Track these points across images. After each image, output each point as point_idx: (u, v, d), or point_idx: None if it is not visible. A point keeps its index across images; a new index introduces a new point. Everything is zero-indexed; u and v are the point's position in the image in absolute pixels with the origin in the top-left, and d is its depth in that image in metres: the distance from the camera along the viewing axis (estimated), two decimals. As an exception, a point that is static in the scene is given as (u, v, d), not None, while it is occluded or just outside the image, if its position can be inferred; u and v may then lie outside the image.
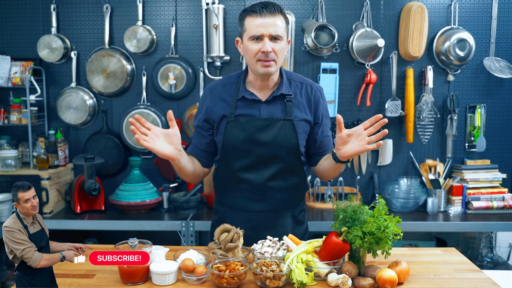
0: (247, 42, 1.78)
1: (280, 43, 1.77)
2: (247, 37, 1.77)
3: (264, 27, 1.73)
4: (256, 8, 1.75)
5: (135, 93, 3.31)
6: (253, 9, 1.75)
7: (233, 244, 1.66)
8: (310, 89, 1.92)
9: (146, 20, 3.26)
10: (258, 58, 1.76)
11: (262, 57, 1.75)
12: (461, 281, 1.58)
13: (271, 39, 1.75)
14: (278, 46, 1.76)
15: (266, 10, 1.74)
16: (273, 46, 1.75)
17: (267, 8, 1.74)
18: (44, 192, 2.94)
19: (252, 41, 1.76)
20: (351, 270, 1.53)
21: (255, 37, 1.75)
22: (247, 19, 1.77)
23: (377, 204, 1.60)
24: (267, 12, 1.74)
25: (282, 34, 1.76)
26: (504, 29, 3.22)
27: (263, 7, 1.74)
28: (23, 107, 3.18)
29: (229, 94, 1.89)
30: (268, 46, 1.73)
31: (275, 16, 1.75)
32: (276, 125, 1.84)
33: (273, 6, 1.75)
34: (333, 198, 3.16)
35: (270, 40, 1.75)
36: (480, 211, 3.05)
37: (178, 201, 3.03)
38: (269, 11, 1.74)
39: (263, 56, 1.75)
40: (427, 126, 3.22)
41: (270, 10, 1.74)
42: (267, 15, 1.74)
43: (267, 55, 1.74)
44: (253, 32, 1.75)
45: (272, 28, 1.73)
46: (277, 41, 1.76)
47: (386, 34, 3.21)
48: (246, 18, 1.78)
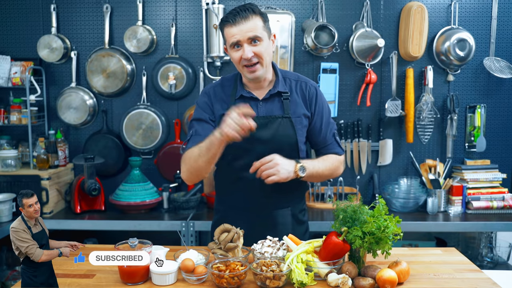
0: (230, 51, 1.82)
1: (262, 44, 1.77)
2: (228, 46, 1.81)
3: (239, 34, 1.75)
4: (229, 17, 1.76)
5: (135, 93, 3.31)
6: (226, 19, 1.77)
7: (233, 244, 1.66)
8: (305, 86, 1.93)
9: (146, 20, 3.26)
10: (243, 64, 1.79)
11: (245, 62, 1.77)
12: (461, 281, 1.58)
13: (250, 43, 1.76)
14: (259, 48, 1.77)
15: (239, 16, 1.74)
16: (254, 49, 1.76)
17: (240, 14, 1.75)
18: (44, 192, 2.94)
19: (233, 50, 1.79)
20: (351, 270, 1.53)
21: (234, 45, 1.77)
22: (225, 30, 1.79)
23: (377, 204, 1.60)
24: (240, 19, 1.74)
25: (261, 34, 1.76)
26: (504, 29, 3.22)
27: (235, 14, 1.75)
28: (23, 107, 3.18)
29: (227, 94, 1.91)
30: (248, 52, 1.75)
31: (249, 19, 1.75)
32: (274, 122, 1.85)
33: (245, 10, 1.75)
34: (333, 198, 3.16)
35: (250, 44, 1.76)
36: (480, 211, 3.05)
37: (178, 201, 3.04)
38: (241, 16, 1.74)
39: (246, 62, 1.77)
40: (427, 126, 3.22)
41: (242, 16, 1.74)
42: (241, 22, 1.74)
43: (250, 60, 1.76)
44: (231, 41, 1.77)
45: (248, 32, 1.74)
46: (257, 43, 1.77)
47: (386, 34, 3.21)
48: (224, 29, 1.80)
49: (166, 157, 3.27)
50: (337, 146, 1.99)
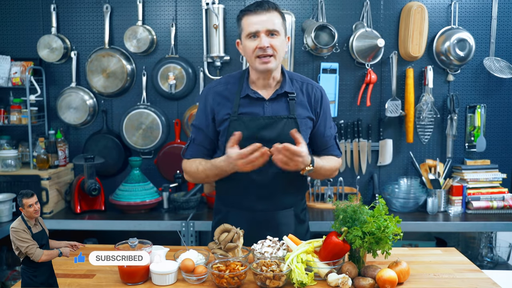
0: (245, 41, 1.82)
1: (278, 38, 1.79)
2: (245, 36, 1.81)
3: (259, 24, 1.77)
4: (251, 7, 1.80)
5: (135, 93, 3.31)
6: (248, 8, 1.81)
7: (233, 244, 1.66)
8: (311, 88, 1.94)
9: (146, 20, 3.26)
10: (257, 54, 1.79)
11: (260, 52, 1.78)
12: (461, 281, 1.58)
13: (268, 35, 1.78)
14: (275, 41, 1.78)
15: (261, 8, 1.78)
16: (270, 41, 1.77)
17: (262, 5, 1.79)
18: (44, 192, 2.94)
19: (249, 39, 1.80)
20: (351, 270, 1.53)
21: (252, 34, 1.79)
22: (244, 19, 1.82)
23: (377, 204, 1.60)
24: (261, 9, 1.78)
25: (279, 28, 1.79)
26: (504, 29, 3.22)
27: (257, 5, 1.80)
28: (23, 107, 3.18)
29: (232, 92, 1.90)
30: (265, 41, 1.76)
31: (270, 12, 1.79)
32: (279, 123, 1.85)
33: (267, 3, 1.80)
34: (333, 198, 3.16)
35: (267, 35, 1.77)
36: (480, 211, 3.05)
37: (178, 201, 3.04)
38: (263, 8, 1.78)
39: (261, 52, 1.77)
40: (427, 126, 3.22)
41: (264, 7, 1.79)
42: (262, 12, 1.78)
43: (265, 50, 1.77)
44: (250, 29, 1.78)
45: (268, 23, 1.77)
46: (274, 36, 1.79)
47: (386, 34, 3.21)
48: (243, 18, 1.82)
49: (166, 157, 3.27)
50: (337, 148, 2.02)
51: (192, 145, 1.96)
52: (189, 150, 1.97)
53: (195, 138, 1.96)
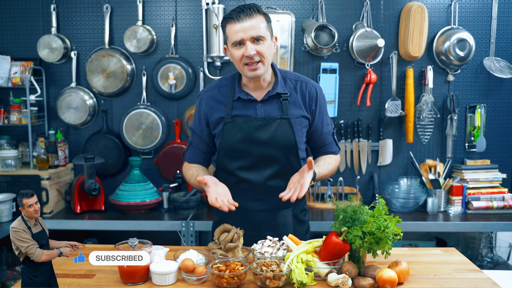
0: (231, 49, 1.79)
1: (264, 43, 1.76)
2: (230, 44, 1.78)
3: (243, 32, 1.73)
4: (233, 14, 1.75)
5: (135, 93, 3.32)
6: (230, 16, 1.76)
7: (233, 244, 1.66)
8: (305, 86, 1.92)
9: (146, 20, 3.26)
10: (244, 62, 1.77)
11: (247, 60, 1.76)
12: (461, 281, 1.58)
13: (253, 41, 1.75)
14: (262, 47, 1.76)
15: (243, 14, 1.74)
16: (256, 48, 1.75)
17: (244, 11, 1.74)
18: (44, 192, 2.94)
19: (235, 47, 1.77)
20: (351, 270, 1.53)
21: (237, 43, 1.76)
22: (227, 27, 1.78)
23: (377, 204, 1.60)
24: (244, 16, 1.73)
25: (264, 34, 1.76)
26: (504, 29, 3.22)
27: (239, 11, 1.74)
28: (23, 107, 3.18)
29: (225, 95, 1.90)
30: (251, 50, 1.73)
31: (253, 18, 1.74)
32: (273, 124, 1.85)
33: (250, 8, 1.75)
34: (333, 198, 3.16)
35: (252, 42, 1.75)
36: (480, 211, 3.05)
37: (178, 201, 3.04)
38: (246, 14, 1.74)
39: (248, 60, 1.76)
40: (427, 126, 3.22)
41: (247, 13, 1.74)
42: (245, 19, 1.73)
43: (252, 58, 1.75)
44: (234, 38, 1.75)
45: (252, 30, 1.73)
46: (260, 42, 1.75)
47: (386, 34, 3.21)
48: (227, 26, 1.78)
49: (166, 157, 3.27)
50: (335, 145, 2.02)
51: (191, 148, 2.02)
52: (188, 152, 2.02)
53: (192, 141, 2.01)
